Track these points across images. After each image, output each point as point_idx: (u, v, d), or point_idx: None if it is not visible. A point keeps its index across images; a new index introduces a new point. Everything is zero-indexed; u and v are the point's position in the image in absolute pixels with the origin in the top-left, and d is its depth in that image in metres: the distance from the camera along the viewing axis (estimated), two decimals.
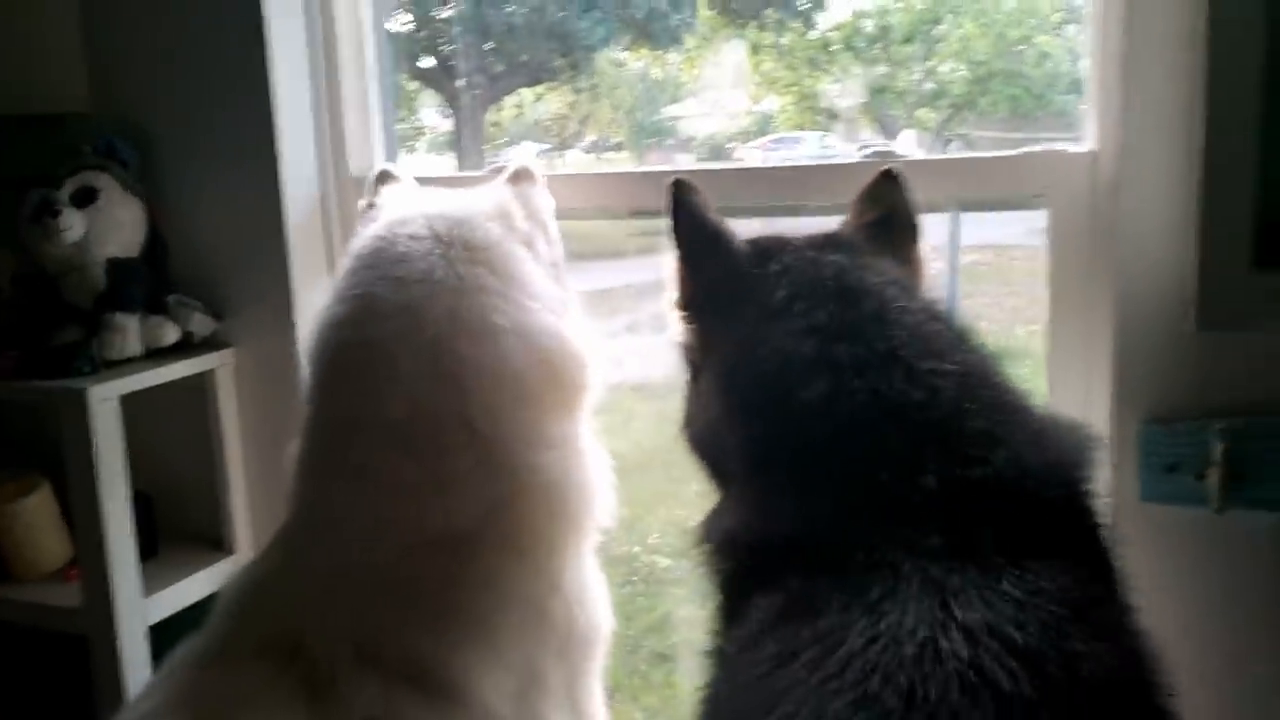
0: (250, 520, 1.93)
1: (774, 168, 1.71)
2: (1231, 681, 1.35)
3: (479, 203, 1.50)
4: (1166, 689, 0.86)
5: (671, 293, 1.26)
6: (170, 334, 1.81)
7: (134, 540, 1.72)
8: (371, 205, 1.58)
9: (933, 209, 1.47)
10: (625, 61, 2.26)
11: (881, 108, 2.12)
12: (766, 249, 1.18)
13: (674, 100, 2.30)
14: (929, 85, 2.01)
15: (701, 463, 1.19)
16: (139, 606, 1.73)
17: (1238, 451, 1.28)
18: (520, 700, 1.30)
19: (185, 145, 1.86)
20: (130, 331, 1.76)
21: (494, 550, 1.30)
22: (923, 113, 2.05)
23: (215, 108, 1.82)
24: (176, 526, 1.94)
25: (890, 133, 2.10)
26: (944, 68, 2.01)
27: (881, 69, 2.07)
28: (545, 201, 1.56)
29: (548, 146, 2.04)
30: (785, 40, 2.13)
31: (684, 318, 1.24)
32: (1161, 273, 1.33)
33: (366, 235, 1.46)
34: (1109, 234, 1.39)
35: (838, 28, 2.10)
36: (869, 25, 2.08)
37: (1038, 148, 1.49)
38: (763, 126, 2.20)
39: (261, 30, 1.76)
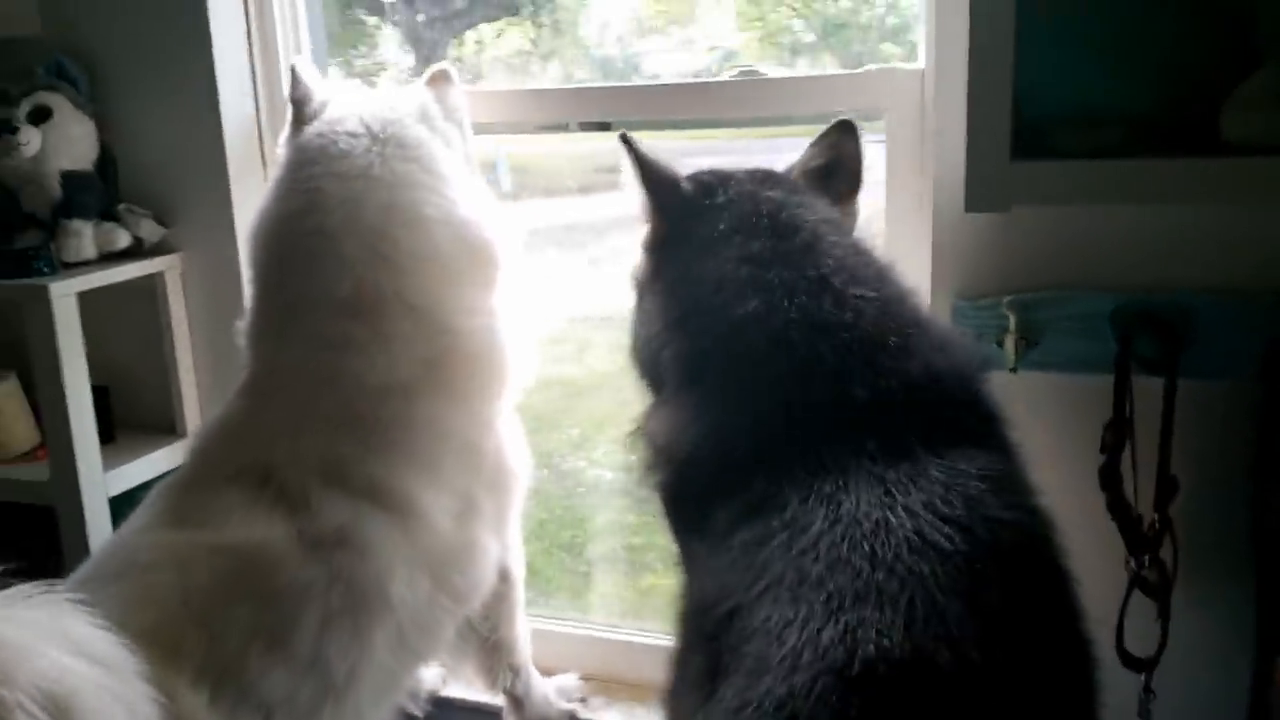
0: (199, 408, 2.15)
1: (662, 85, 1.90)
2: None
3: (405, 104, 1.71)
4: (1061, 544, 1.05)
5: (643, 232, 1.36)
6: (122, 239, 2.01)
7: (94, 420, 1.94)
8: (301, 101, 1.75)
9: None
10: None
11: (844, 42, 2.15)
12: (709, 184, 1.30)
13: (639, 36, 2.26)
14: (891, 20, 2.10)
15: (643, 380, 1.32)
16: (99, 480, 1.95)
17: (1027, 321, 1.54)
18: (459, 521, 1.57)
19: (131, 67, 2.04)
20: (85, 236, 1.96)
21: (433, 397, 1.56)
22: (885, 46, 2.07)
23: (157, 33, 2.00)
24: (132, 416, 2.15)
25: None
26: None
27: (845, 4, 2.10)
28: (461, 102, 1.77)
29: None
30: None
31: (648, 256, 1.35)
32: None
33: (309, 133, 1.67)
34: (933, 140, 1.62)
35: None
36: None
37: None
38: (727, 61, 2.17)
39: None
